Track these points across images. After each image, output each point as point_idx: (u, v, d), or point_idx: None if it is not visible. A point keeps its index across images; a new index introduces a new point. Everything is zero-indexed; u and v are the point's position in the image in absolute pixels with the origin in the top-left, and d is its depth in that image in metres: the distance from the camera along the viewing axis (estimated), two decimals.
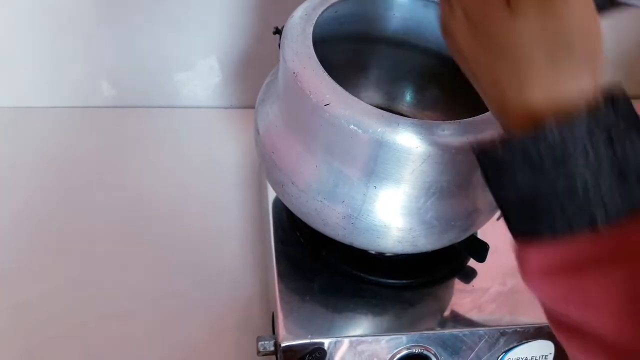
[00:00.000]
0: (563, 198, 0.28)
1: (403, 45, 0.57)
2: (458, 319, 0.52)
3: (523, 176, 0.29)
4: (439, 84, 0.59)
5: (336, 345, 0.49)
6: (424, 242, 0.48)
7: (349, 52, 0.56)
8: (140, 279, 0.61)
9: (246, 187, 0.72)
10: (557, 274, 0.29)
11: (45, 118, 0.77)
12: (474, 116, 0.44)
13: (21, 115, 0.77)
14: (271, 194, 0.61)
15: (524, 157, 0.28)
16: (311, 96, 0.43)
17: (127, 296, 0.60)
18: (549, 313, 0.32)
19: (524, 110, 0.29)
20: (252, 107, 0.55)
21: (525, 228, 0.30)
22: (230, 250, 0.65)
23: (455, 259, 0.56)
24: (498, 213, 0.50)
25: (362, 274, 0.54)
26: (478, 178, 0.48)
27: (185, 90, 0.80)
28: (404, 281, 0.54)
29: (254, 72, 0.73)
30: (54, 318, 0.57)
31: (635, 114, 0.28)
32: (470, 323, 0.51)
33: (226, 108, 0.82)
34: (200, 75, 0.79)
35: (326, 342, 0.49)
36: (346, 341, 0.50)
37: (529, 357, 0.52)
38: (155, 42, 0.75)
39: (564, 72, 0.29)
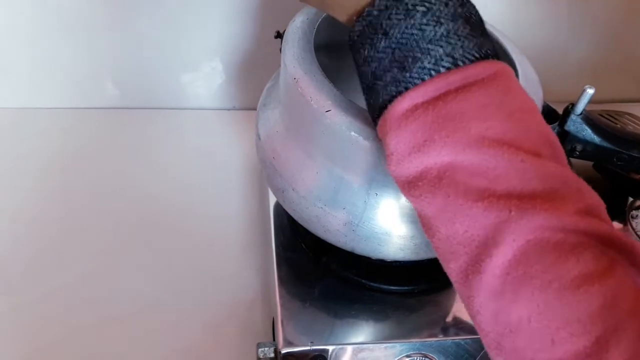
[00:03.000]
0: (432, 44, 0.31)
1: None
2: (460, 327, 0.52)
3: (398, 29, 0.32)
4: None
5: (337, 353, 0.49)
6: (425, 250, 0.48)
7: (351, 58, 0.56)
8: (140, 282, 0.61)
9: (248, 190, 0.71)
10: (424, 108, 0.31)
11: (49, 119, 0.77)
12: None
13: (24, 117, 0.77)
14: (272, 199, 0.60)
15: (393, 12, 0.32)
16: (312, 102, 0.43)
17: (128, 299, 0.59)
18: (407, 181, 0.33)
19: None
20: (255, 109, 0.54)
21: (394, 88, 0.32)
22: (231, 255, 0.64)
23: None
24: None
25: (363, 280, 0.54)
26: None
27: (188, 92, 0.80)
28: (406, 288, 0.54)
29: (257, 74, 0.73)
30: (54, 320, 0.57)
31: None
32: (472, 330, 0.51)
33: (229, 110, 0.82)
34: (204, 77, 0.79)
35: (327, 349, 0.49)
36: (347, 348, 0.49)
37: None
38: (158, 43, 0.75)
39: None
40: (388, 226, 0.46)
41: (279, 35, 0.50)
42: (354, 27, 0.34)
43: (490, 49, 0.33)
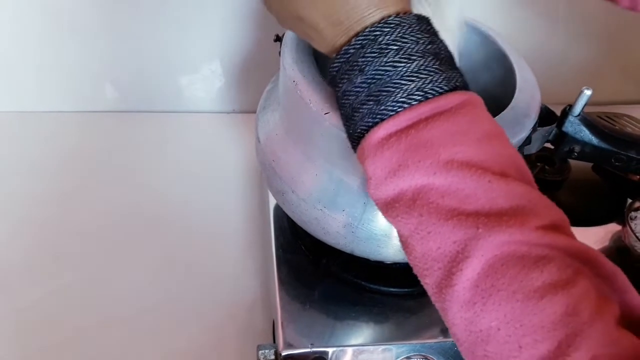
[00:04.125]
0: (404, 79, 0.34)
1: None
2: None
3: (373, 66, 0.35)
4: None
5: (337, 355, 0.49)
6: None
7: None
8: (140, 285, 0.61)
9: (248, 193, 0.72)
10: (398, 137, 0.34)
11: (49, 122, 0.77)
12: None
13: (24, 120, 0.77)
14: (272, 201, 0.60)
15: (371, 51, 0.35)
16: (311, 105, 0.43)
17: (128, 301, 0.59)
18: (385, 202, 0.36)
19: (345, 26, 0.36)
20: (255, 112, 0.55)
21: (370, 120, 0.35)
22: (231, 257, 0.64)
23: None
24: None
25: (363, 282, 0.54)
26: None
27: (188, 95, 0.80)
28: (406, 289, 0.54)
29: (256, 77, 0.73)
30: (55, 322, 0.57)
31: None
32: None
33: (228, 113, 0.82)
34: (204, 80, 0.79)
35: (328, 351, 0.49)
36: (347, 350, 0.49)
37: None
38: (158, 47, 0.75)
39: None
40: (387, 228, 0.46)
41: (278, 39, 0.50)
42: (332, 63, 0.37)
43: (458, 81, 0.36)
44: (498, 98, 0.51)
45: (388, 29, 0.35)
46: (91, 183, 0.71)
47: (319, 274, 0.54)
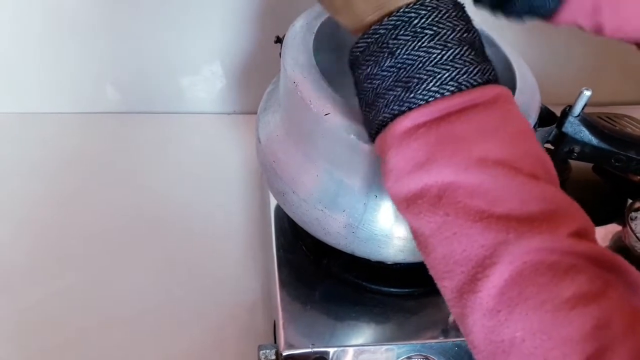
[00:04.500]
0: (437, 67, 0.32)
1: None
2: None
3: (405, 50, 0.33)
4: None
5: (338, 355, 0.49)
6: None
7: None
8: (141, 285, 0.61)
9: (249, 194, 0.72)
10: (427, 128, 0.32)
11: (50, 124, 0.77)
12: None
13: (25, 121, 0.77)
14: (273, 201, 0.60)
15: (406, 32, 0.33)
16: (311, 106, 0.43)
17: (129, 302, 0.60)
18: (406, 198, 0.34)
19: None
20: (256, 113, 0.55)
21: (396, 107, 0.33)
22: (232, 257, 0.65)
23: None
24: None
25: (364, 283, 0.54)
26: None
27: (189, 96, 0.80)
28: (406, 290, 0.54)
29: (257, 78, 0.73)
30: (56, 323, 0.58)
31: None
32: None
33: (229, 114, 0.82)
34: (204, 81, 0.79)
35: (328, 351, 0.49)
36: (348, 350, 0.50)
37: None
38: (159, 48, 0.76)
39: None
40: (388, 228, 0.46)
41: (279, 40, 0.50)
42: (357, 42, 0.35)
43: (491, 74, 0.34)
44: None
45: (424, 12, 0.33)
46: (92, 184, 0.71)
47: (319, 275, 0.54)
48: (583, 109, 0.55)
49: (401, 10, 0.33)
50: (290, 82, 0.45)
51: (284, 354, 0.48)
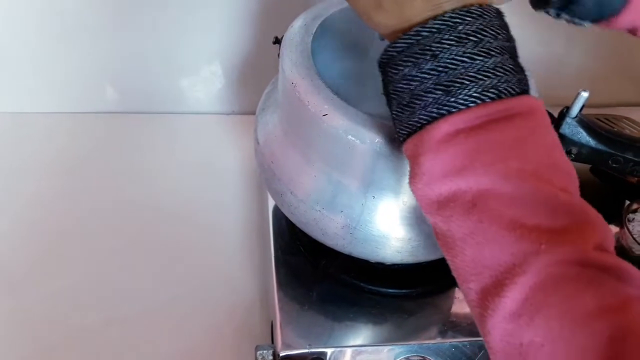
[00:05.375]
0: (480, 74, 0.33)
1: None
2: (458, 329, 0.52)
3: (449, 54, 0.33)
4: None
5: (336, 355, 0.49)
6: (423, 253, 0.48)
7: (349, 62, 0.56)
8: (139, 285, 0.61)
9: (247, 194, 0.72)
10: (466, 134, 0.33)
11: (49, 124, 0.77)
12: None
13: (23, 121, 0.77)
14: (271, 202, 0.61)
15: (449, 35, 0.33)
16: (309, 106, 0.43)
17: (127, 302, 0.60)
18: (436, 200, 0.34)
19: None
20: (254, 113, 0.55)
21: (434, 110, 0.33)
22: (230, 258, 0.65)
23: None
24: None
25: (361, 283, 0.54)
26: None
27: (187, 96, 0.80)
28: (404, 290, 0.54)
29: (257, 79, 0.73)
30: (54, 322, 0.58)
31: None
32: (470, 333, 0.51)
33: (228, 114, 0.82)
34: (203, 81, 0.79)
35: (326, 351, 0.49)
36: (346, 351, 0.50)
37: None
38: (158, 48, 0.76)
39: None
40: (385, 229, 0.46)
41: (277, 41, 0.50)
42: (395, 42, 0.34)
43: (526, 85, 0.35)
44: None
45: (470, 19, 0.33)
46: (91, 184, 0.71)
47: (317, 275, 0.54)
48: (581, 110, 0.55)
49: (447, 14, 0.33)
50: (288, 82, 0.45)
51: (281, 354, 0.48)
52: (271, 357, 0.49)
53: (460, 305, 0.54)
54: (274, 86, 0.53)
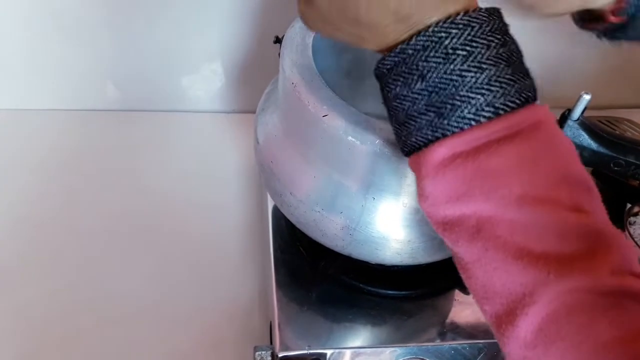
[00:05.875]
0: (472, 92, 0.30)
1: None
2: (457, 331, 0.52)
3: (437, 74, 0.31)
4: None
5: (335, 357, 0.49)
6: (422, 254, 0.48)
7: (350, 62, 0.56)
8: (138, 285, 0.61)
9: (246, 193, 0.72)
10: (464, 159, 0.31)
11: (48, 121, 0.77)
12: None
13: (24, 118, 0.77)
14: (271, 202, 0.60)
15: (435, 51, 0.31)
16: (309, 107, 0.43)
17: (125, 301, 0.59)
18: (443, 222, 0.33)
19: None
20: (255, 112, 0.55)
21: (429, 132, 0.32)
22: (229, 258, 0.64)
23: (456, 270, 0.56)
24: None
25: (361, 285, 0.54)
26: None
27: (188, 95, 0.80)
28: (404, 292, 0.54)
29: (257, 77, 0.73)
30: (52, 322, 0.57)
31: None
32: (470, 335, 0.51)
33: (228, 113, 0.82)
34: (204, 80, 0.79)
35: (325, 353, 0.49)
36: (345, 352, 0.49)
37: None
38: (159, 46, 0.75)
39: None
40: (385, 231, 0.46)
41: (278, 40, 0.50)
42: (384, 59, 0.33)
43: (530, 90, 0.32)
44: None
45: (455, 31, 0.31)
46: (91, 182, 0.71)
47: (316, 276, 0.54)
48: (582, 113, 0.55)
49: (430, 29, 0.31)
50: (288, 82, 0.45)
51: (280, 355, 0.48)
52: (270, 358, 0.49)
53: (460, 307, 0.54)
54: (274, 86, 0.53)
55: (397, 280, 0.54)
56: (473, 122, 0.31)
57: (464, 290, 0.55)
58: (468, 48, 0.31)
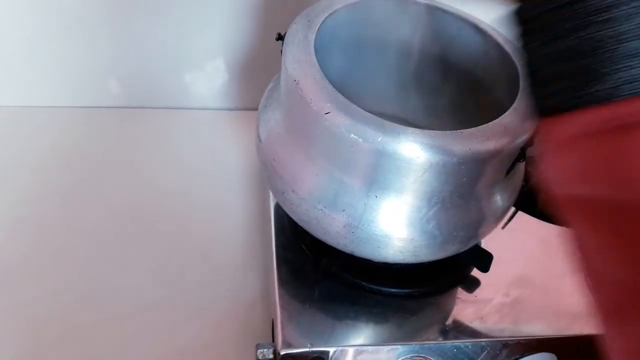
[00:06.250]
0: (626, 62, 0.26)
1: (409, 52, 0.57)
2: (460, 330, 0.51)
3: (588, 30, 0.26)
4: (446, 91, 0.59)
5: (337, 355, 0.49)
6: (425, 253, 0.47)
7: (352, 59, 0.56)
8: (140, 282, 0.61)
9: (249, 190, 0.71)
10: (601, 135, 0.27)
11: (50, 117, 0.77)
12: (482, 124, 0.43)
13: (27, 115, 0.77)
14: (273, 200, 0.60)
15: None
16: (312, 104, 0.43)
17: (127, 299, 0.59)
18: (569, 200, 0.29)
19: None
20: (257, 109, 0.54)
21: (571, 100, 0.28)
22: (231, 255, 0.64)
23: (459, 268, 0.56)
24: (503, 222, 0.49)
25: (363, 283, 0.54)
26: (481, 189, 0.47)
27: (190, 91, 0.80)
28: (406, 290, 0.54)
29: (260, 74, 0.72)
30: (53, 319, 0.57)
31: None
32: (472, 334, 0.51)
33: (231, 110, 0.82)
34: (206, 77, 0.79)
35: (327, 351, 0.49)
36: (347, 350, 0.49)
37: None
38: (161, 42, 0.75)
39: None
40: (388, 229, 0.46)
41: (280, 37, 0.50)
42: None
43: None
44: (501, 99, 0.50)
45: None
46: (93, 178, 0.70)
47: (319, 274, 0.54)
48: None
49: None
50: (290, 80, 0.44)
51: (282, 353, 0.48)
52: (272, 356, 0.49)
53: (463, 305, 0.53)
54: (276, 83, 0.53)
55: (400, 278, 0.54)
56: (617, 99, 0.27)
57: (467, 288, 0.55)
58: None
